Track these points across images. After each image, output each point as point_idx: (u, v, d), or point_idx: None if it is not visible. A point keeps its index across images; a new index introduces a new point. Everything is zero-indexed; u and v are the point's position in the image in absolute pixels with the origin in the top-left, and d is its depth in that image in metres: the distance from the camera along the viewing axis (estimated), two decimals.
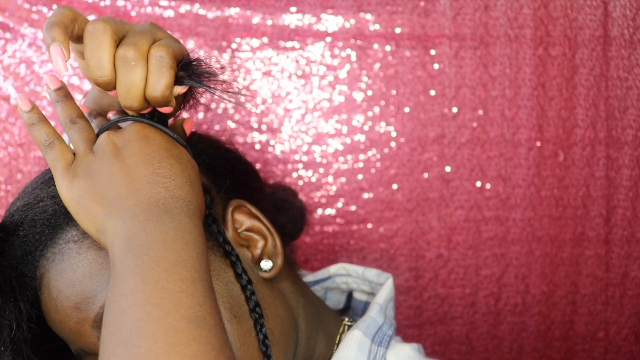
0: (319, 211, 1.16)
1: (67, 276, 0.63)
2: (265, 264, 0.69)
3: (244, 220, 0.70)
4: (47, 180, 0.68)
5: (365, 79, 1.15)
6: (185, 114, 0.75)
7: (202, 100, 0.70)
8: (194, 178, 0.61)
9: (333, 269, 0.86)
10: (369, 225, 1.17)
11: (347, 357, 0.68)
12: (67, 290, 0.63)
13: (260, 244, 0.70)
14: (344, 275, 0.85)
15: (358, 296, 0.85)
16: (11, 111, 1.13)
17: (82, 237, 0.63)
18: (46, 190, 0.67)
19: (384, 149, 1.16)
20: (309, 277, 0.87)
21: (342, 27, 1.14)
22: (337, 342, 0.74)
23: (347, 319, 0.78)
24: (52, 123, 0.66)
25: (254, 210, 0.71)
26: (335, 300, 0.88)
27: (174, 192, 0.58)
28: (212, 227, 0.67)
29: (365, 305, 0.83)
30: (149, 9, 1.12)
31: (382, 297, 0.75)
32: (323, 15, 1.14)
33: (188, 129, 0.71)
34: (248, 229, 0.70)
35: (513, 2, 1.14)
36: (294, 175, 1.16)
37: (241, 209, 0.71)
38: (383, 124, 1.16)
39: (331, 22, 1.14)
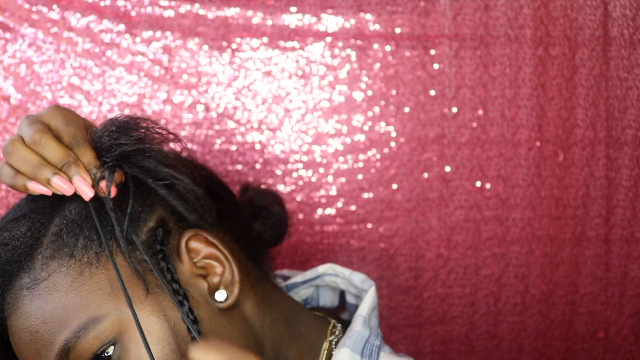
0: (319, 211, 1.17)
1: (23, 323, 0.65)
2: (219, 296, 0.68)
3: (200, 249, 0.69)
4: (1, 227, 0.69)
5: (365, 79, 1.15)
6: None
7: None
8: None
9: (322, 268, 0.85)
10: (369, 225, 1.17)
11: None
12: (26, 338, 0.65)
13: (219, 269, 0.69)
14: (332, 275, 0.85)
15: (349, 299, 0.84)
16: (11, 111, 1.13)
17: (33, 283, 0.65)
18: (1, 236, 0.68)
19: (384, 149, 1.16)
20: (297, 278, 0.87)
21: (342, 27, 1.14)
22: (324, 349, 0.74)
23: (333, 322, 0.77)
24: None
25: (210, 237, 0.69)
26: (330, 299, 0.88)
27: None
28: (161, 264, 0.66)
29: (356, 309, 0.83)
30: (149, 9, 1.12)
31: (365, 309, 0.75)
32: (323, 15, 1.14)
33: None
34: (206, 257, 0.69)
35: (513, 2, 1.14)
36: (294, 175, 1.16)
37: (197, 237, 0.69)
38: (383, 124, 1.16)
39: (331, 22, 1.14)
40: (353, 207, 1.17)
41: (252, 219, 0.84)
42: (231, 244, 0.73)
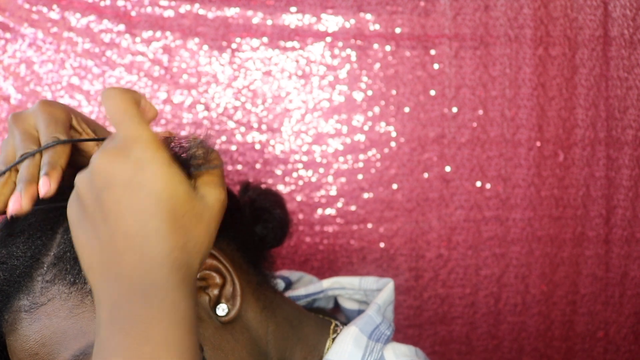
0: (319, 211, 1.17)
1: (22, 345, 0.63)
2: (221, 310, 0.65)
3: None
4: None
5: (365, 79, 1.15)
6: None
7: None
8: (188, 229, 0.54)
9: (326, 283, 0.83)
10: (369, 225, 1.17)
11: (343, 351, 0.68)
12: (25, 359, 0.63)
13: (218, 280, 0.66)
14: (337, 289, 0.84)
15: (348, 305, 0.83)
16: (11, 111, 1.13)
17: (32, 307, 0.63)
18: None
19: (384, 149, 1.16)
20: (300, 291, 0.85)
21: (342, 27, 1.14)
22: (327, 347, 0.73)
23: (335, 322, 0.76)
24: None
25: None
26: (324, 302, 0.88)
27: (160, 261, 0.52)
28: None
29: (359, 313, 0.82)
30: (149, 9, 1.12)
31: (381, 299, 0.75)
32: (323, 15, 1.14)
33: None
34: (206, 268, 0.66)
35: (513, 2, 1.14)
36: (294, 175, 1.16)
37: None
38: (383, 124, 1.16)
39: (331, 22, 1.14)
40: (353, 207, 1.17)
41: (254, 222, 0.82)
42: (233, 252, 0.71)
